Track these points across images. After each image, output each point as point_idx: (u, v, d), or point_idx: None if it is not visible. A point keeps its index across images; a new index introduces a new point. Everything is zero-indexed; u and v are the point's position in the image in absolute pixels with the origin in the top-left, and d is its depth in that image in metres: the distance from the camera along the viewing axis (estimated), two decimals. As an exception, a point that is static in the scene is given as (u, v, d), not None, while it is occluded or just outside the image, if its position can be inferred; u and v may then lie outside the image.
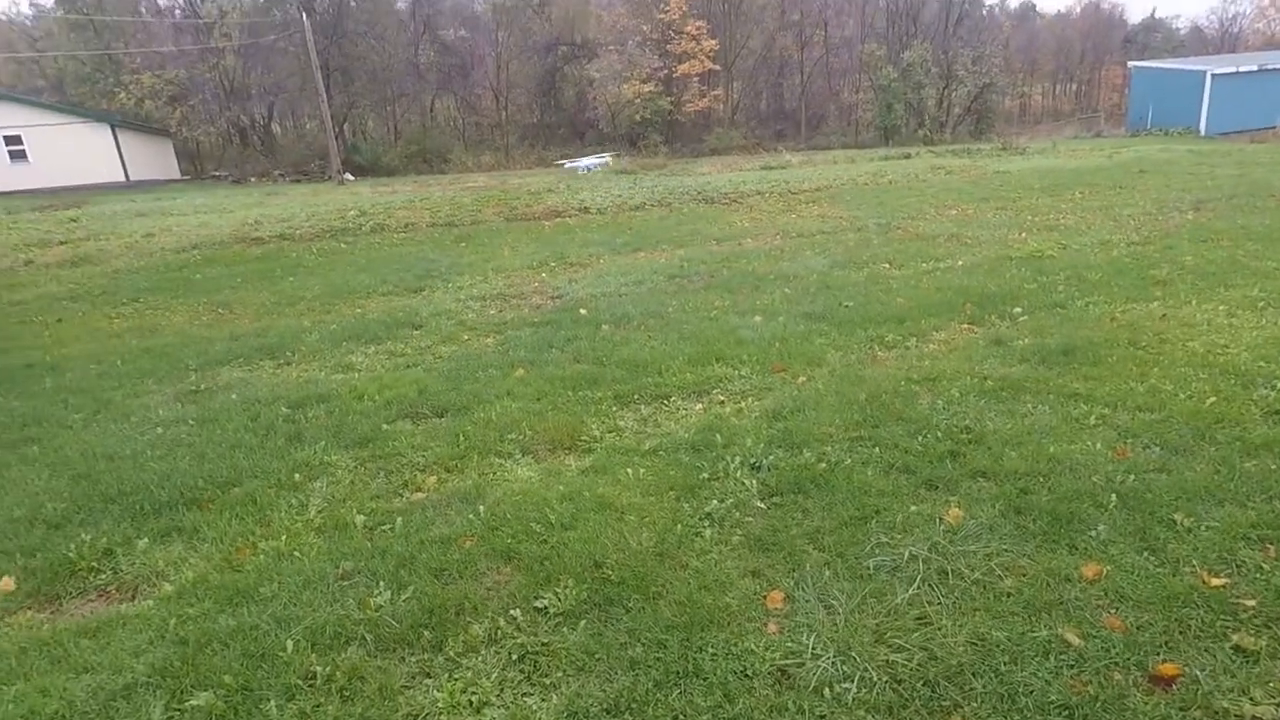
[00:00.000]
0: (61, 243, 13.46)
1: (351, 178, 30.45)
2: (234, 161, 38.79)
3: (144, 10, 40.83)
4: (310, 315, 7.38)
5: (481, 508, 3.11)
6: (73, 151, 29.99)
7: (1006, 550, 2.60)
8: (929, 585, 2.44)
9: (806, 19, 46.42)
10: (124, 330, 7.42)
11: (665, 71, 39.49)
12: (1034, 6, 65.70)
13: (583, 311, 6.56)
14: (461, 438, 3.90)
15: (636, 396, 4.39)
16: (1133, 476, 3.01)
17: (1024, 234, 8.93)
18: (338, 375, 5.33)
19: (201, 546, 3.04)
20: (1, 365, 6.37)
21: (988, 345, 4.87)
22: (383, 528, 3.04)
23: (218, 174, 36.39)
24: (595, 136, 41.67)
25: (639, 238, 10.67)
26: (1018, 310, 5.61)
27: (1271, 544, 2.54)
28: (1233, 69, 29.06)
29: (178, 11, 40.88)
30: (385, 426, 4.16)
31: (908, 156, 24.33)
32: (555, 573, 2.61)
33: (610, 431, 3.93)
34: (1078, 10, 64.36)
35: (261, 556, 2.88)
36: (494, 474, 3.51)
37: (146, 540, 3.09)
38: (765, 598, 2.43)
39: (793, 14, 46.31)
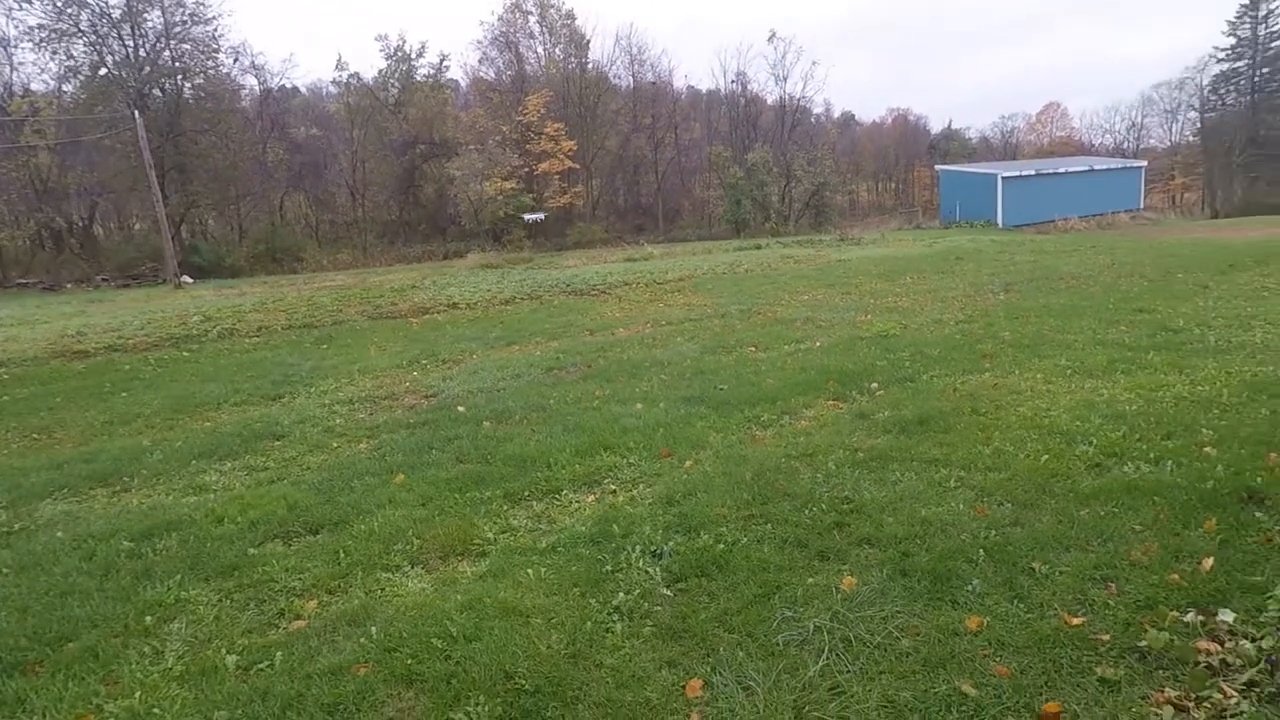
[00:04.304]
0: None
1: (190, 280, 28.47)
2: (46, 267, 35.15)
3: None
4: (150, 433, 6.70)
5: (373, 629, 2.90)
6: None
7: (899, 612, 2.76)
8: (836, 655, 2.53)
9: (658, 123, 49.93)
10: (-88, 463, 6.36)
11: (526, 170, 40.71)
12: (853, 116, 74.56)
13: (460, 409, 6.42)
14: (342, 554, 3.64)
15: (527, 493, 4.32)
16: (994, 532, 3.31)
17: (869, 316, 9.82)
18: (189, 498, 4.83)
19: None
20: None
21: (853, 419, 5.25)
22: (259, 666, 2.75)
23: (25, 281, 32.76)
24: (457, 232, 41.74)
25: (512, 331, 10.68)
26: (874, 385, 6.11)
27: (1113, 582, 2.86)
28: (1017, 173, 34.53)
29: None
30: (252, 551, 3.81)
31: (759, 247, 26.23)
32: (464, 690, 2.47)
33: (504, 532, 3.83)
34: (889, 120, 73.64)
35: None
36: (382, 590, 3.29)
37: (-44, 716, 2.61)
38: (684, 687, 2.41)
39: (644, 118, 49.70)
